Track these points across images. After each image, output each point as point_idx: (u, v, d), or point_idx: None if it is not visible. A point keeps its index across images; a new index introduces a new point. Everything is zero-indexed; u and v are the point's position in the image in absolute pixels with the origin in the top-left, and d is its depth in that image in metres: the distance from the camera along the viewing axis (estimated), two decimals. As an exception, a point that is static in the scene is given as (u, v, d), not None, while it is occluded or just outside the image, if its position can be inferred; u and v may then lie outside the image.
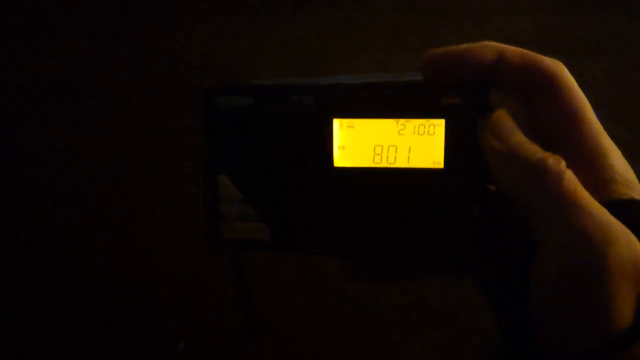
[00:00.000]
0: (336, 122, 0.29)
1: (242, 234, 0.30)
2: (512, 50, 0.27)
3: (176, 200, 1.37)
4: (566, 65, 0.28)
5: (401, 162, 0.29)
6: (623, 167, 0.27)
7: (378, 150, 0.29)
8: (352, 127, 0.29)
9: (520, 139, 0.27)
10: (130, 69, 1.84)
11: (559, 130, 0.27)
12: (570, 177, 0.25)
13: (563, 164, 0.25)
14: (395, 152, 0.29)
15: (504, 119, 0.27)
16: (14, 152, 1.61)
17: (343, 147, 0.29)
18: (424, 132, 0.29)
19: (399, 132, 0.29)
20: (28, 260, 1.32)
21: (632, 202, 0.26)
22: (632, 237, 0.24)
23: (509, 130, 0.27)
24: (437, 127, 0.29)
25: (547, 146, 0.27)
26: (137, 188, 1.44)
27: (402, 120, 0.29)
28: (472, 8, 1.98)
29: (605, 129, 0.28)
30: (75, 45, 1.95)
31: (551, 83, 0.27)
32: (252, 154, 0.30)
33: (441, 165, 0.29)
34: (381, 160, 0.29)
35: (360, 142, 0.29)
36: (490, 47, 0.27)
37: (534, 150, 0.26)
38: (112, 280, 1.25)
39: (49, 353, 1.15)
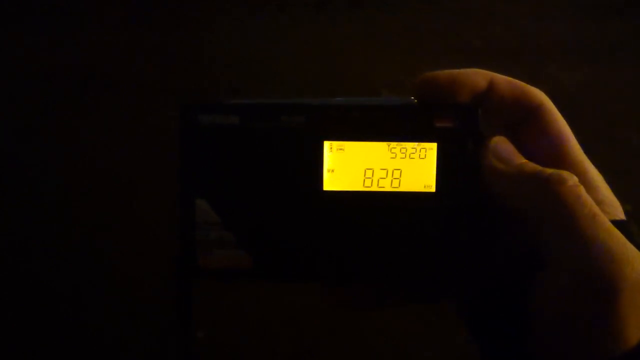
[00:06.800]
0: (326, 145, 0.29)
1: (220, 262, 0.29)
2: (502, 78, 0.28)
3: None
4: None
5: (392, 186, 0.29)
6: (607, 189, 0.28)
7: (369, 173, 0.29)
8: (342, 149, 0.29)
9: (523, 160, 0.27)
10: (153, 61, 1.86)
11: (546, 155, 0.28)
12: (585, 192, 0.25)
13: (576, 178, 0.25)
14: (386, 175, 0.29)
15: (503, 142, 0.28)
16: (23, 146, 1.62)
17: (333, 170, 0.29)
18: (416, 155, 0.29)
19: (390, 155, 0.29)
20: (32, 260, 1.33)
21: (624, 222, 0.27)
22: None
23: (511, 152, 0.28)
24: (428, 151, 0.29)
25: None
26: (143, 184, 1.45)
27: (393, 144, 0.29)
28: (497, 11, 1.95)
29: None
30: (97, 36, 1.97)
31: (538, 110, 0.28)
32: (235, 176, 0.29)
33: (433, 189, 0.29)
34: (372, 184, 0.29)
35: (351, 165, 0.29)
36: (482, 73, 0.28)
37: (541, 167, 0.26)
38: (118, 278, 1.26)
39: (54, 353, 1.16)
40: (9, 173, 1.54)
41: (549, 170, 0.26)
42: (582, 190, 0.25)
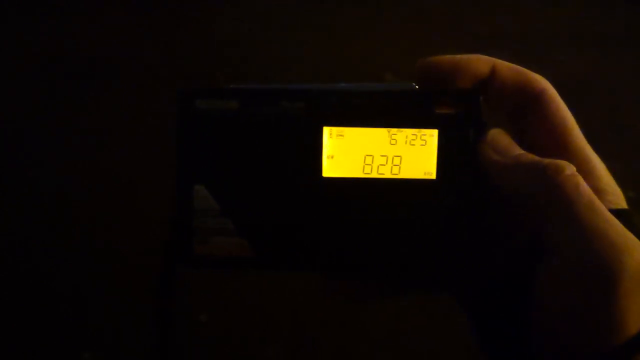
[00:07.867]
0: (326, 130, 0.28)
1: (217, 250, 0.28)
2: (504, 64, 0.28)
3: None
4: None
5: (392, 173, 0.29)
6: (609, 178, 0.28)
7: (368, 160, 0.28)
8: (342, 135, 0.28)
9: (520, 151, 0.27)
10: (153, 60, 1.86)
11: (548, 142, 0.28)
12: (583, 181, 0.25)
13: (574, 167, 0.25)
14: (386, 162, 0.28)
15: (500, 135, 0.28)
16: (23, 146, 1.62)
17: (332, 157, 0.28)
18: (416, 142, 0.28)
19: (390, 141, 0.28)
20: (32, 260, 1.33)
21: (625, 212, 0.26)
22: None
23: (509, 144, 0.28)
24: (429, 138, 0.28)
25: None
26: (143, 184, 1.44)
27: (393, 130, 0.28)
28: (505, -2, 1.94)
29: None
30: (98, 35, 1.97)
31: (540, 96, 0.28)
32: (234, 162, 0.28)
33: (433, 176, 0.28)
34: (371, 171, 0.28)
35: (350, 152, 0.28)
36: (484, 59, 0.28)
37: (539, 158, 0.26)
38: (118, 278, 1.26)
39: (54, 353, 1.16)
40: (8, 172, 1.54)
41: (547, 160, 0.25)
42: (580, 179, 0.25)
